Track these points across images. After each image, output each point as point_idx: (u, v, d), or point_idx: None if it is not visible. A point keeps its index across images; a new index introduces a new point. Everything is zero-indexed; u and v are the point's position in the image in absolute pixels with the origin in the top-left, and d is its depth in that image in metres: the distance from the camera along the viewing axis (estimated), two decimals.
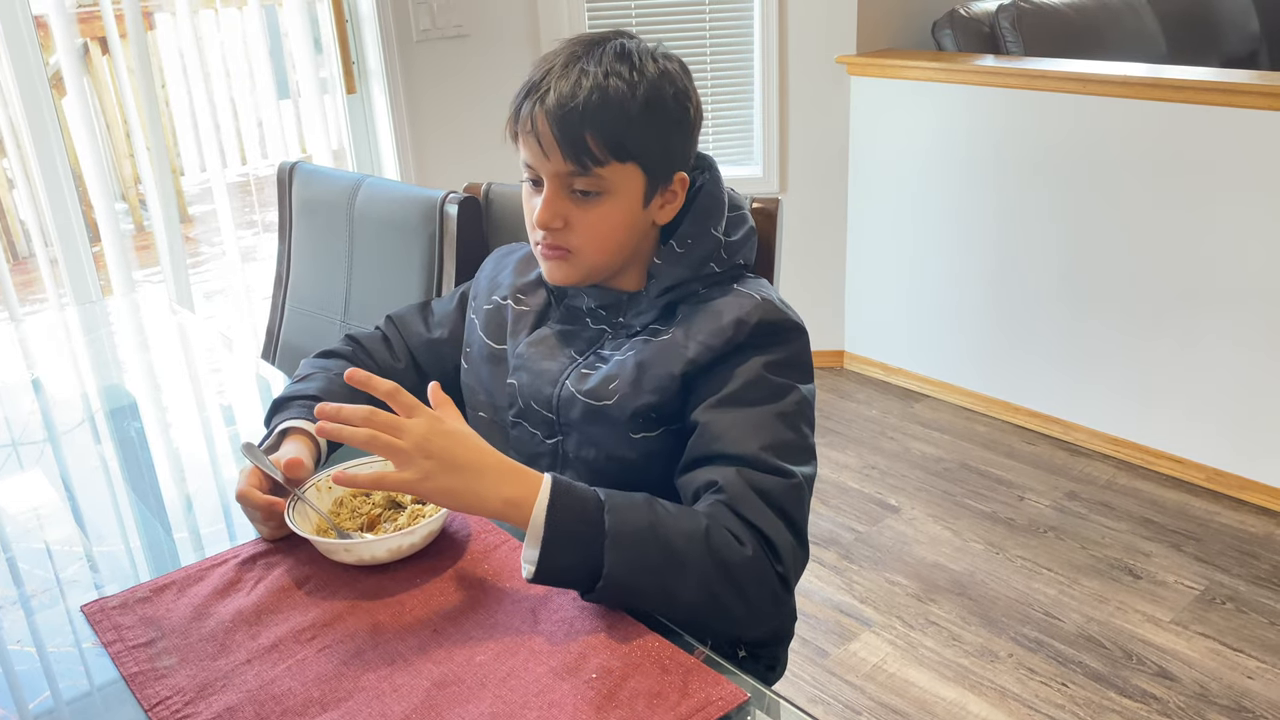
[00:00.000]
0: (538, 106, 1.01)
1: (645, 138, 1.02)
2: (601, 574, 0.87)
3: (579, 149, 1.00)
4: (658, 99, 1.02)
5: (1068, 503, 2.53)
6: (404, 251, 1.57)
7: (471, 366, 1.21)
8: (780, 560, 0.93)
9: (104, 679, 0.88)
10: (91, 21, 2.49)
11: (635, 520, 0.89)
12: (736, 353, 1.02)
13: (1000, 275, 2.84)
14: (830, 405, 3.08)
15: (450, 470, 0.88)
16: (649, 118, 1.02)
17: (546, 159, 1.02)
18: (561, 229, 1.05)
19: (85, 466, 1.28)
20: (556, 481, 0.90)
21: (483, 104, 2.79)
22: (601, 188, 1.03)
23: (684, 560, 0.89)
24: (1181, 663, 1.99)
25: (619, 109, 1.00)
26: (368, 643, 0.90)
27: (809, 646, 2.07)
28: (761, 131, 3.06)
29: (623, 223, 1.05)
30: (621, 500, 0.91)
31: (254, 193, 2.82)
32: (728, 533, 0.92)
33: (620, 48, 1.03)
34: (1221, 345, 2.45)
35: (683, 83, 1.05)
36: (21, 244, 2.90)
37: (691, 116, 1.07)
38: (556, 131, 1.00)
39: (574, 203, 1.04)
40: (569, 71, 1.01)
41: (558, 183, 1.03)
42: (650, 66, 1.02)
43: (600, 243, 1.05)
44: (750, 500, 0.95)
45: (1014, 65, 2.71)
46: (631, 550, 0.88)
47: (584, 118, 0.99)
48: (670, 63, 1.05)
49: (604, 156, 1.01)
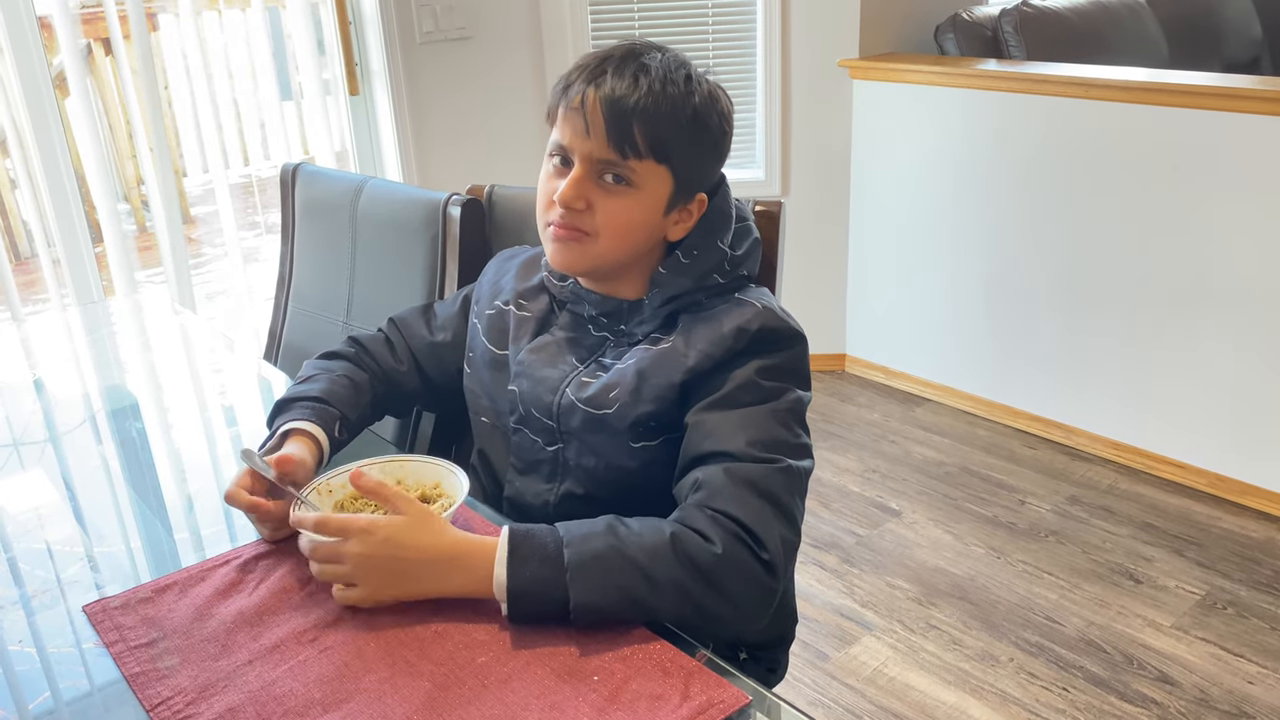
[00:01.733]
0: (592, 89, 1.02)
1: (686, 146, 1.04)
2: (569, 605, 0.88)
3: (624, 137, 1.01)
4: (705, 116, 1.05)
5: (1069, 507, 2.53)
6: (406, 253, 1.57)
7: (474, 371, 1.21)
8: (763, 547, 0.93)
9: (105, 679, 0.88)
10: (95, 22, 2.49)
11: (594, 547, 0.90)
12: (735, 359, 1.02)
13: (1002, 279, 2.84)
14: (831, 408, 3.08)
15: (399, 577, 0.92)
16: (694, 130, 1.04)
17: (588, 137, 1.03)
18: (583, 210, 1.05)
19: (87, 467, 1.28)
20: (513, 533, 0.91)
21: (486, 106, 2.79)
22: (632, 180, 1.04)
23: (651, 574, 0.89)
24: (1182, 668, 1.99)
25: (670, 112, 1.02)
26: (369, 644, 0.89)
27: (809, 650, 2.07)
28: (764, 134, 3.06)
29: (642, 221, 1.06)
30: (580, 531, 0.92)
31: (256, 194, 2.83)
32: (695, 535, 0.92)
33: (678, 59, 1.06)
34: (1223, 350, 2.44)
35: (727, 110, 1.08)
36: (24, 244, 2.90)
37: (726, 141, 1.09)
38: (606, 114, 1.01)
39: (600, 188, 1.05)
40: (627, 64, 1.03)
41: (589, 165, 1.04)
42: (704, 85, 1.06)
43: (616, 232, 1.05)
44: (729, 492, 0.95)
45: (1016, 69, 2.71)
46: (595, 577, 0.88)
47: (636, 110, 1.01)
48: (720, 90, 1.08)
49: (644, 151, 1.02)
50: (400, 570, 0.91)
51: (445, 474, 1.06)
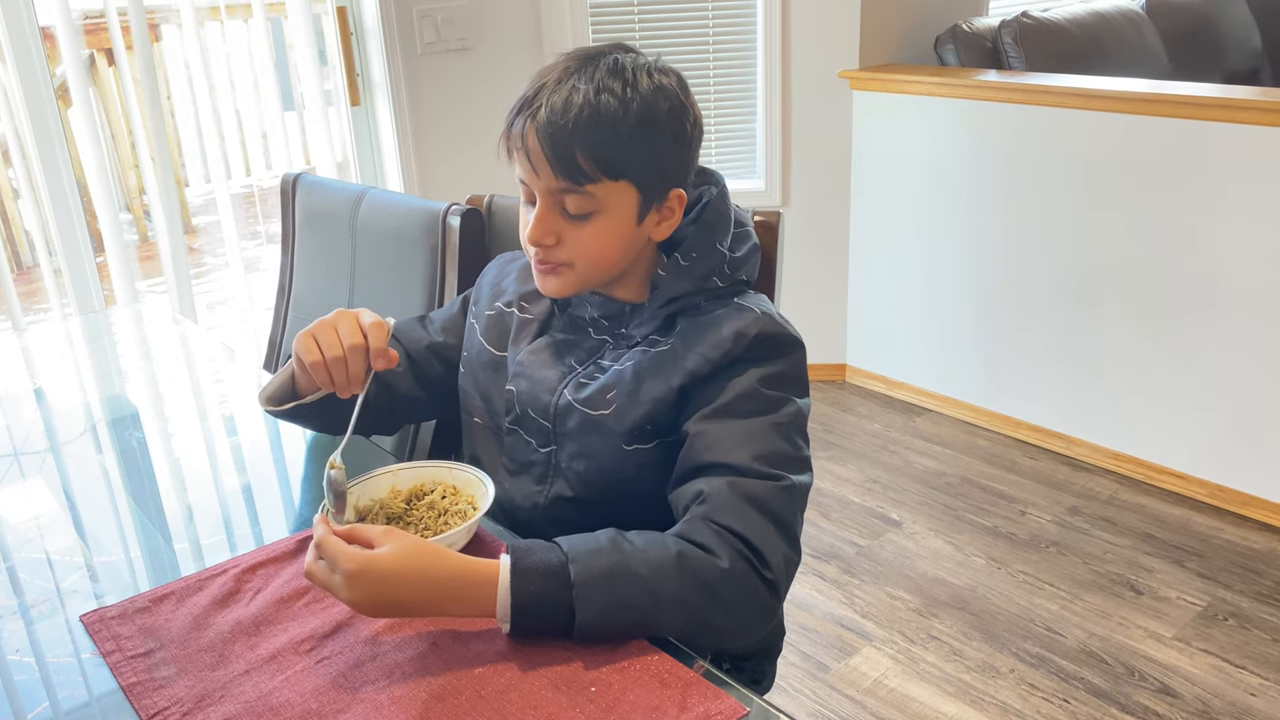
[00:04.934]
0: (529, 122, 1.00)
1: (638, 155, 1.01)
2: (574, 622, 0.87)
3: (570, 166, 0.99)
4: (651, 116, 1.00)
5: (1070, 518, 2.53)
6: (406, 263, 1.58)
7: (468, 371, 1.21)
8: (767, 566, 0.93)
9: (103, 689, 0.88)
10: (98, 33, 2.50)
11: (601, 564, 0.88)
12: (733, 365, 1.02)
13: (1002, 289, 2.84)
14: (832, 419, 3.08)
15: (395, 608, 0.89)
16: (642, 135, 1.00)
17: (538, 175, 1.01)
18: (554, 245, 1.04)
19: (86, 476, 1.28)
20: (514, 551, 0.89)
21: (486, 117, 2.80)
22: (593, 205, 1.02)
23: (658, 591, 0.89)
24: (1183, 679, 1.98)
25: (610, 126, 0.98)
26: (366, 655, 0.89)
27: (809, 661, 2.07)
28: (764, 145, 3.06)
29: (615, 240, 1.04)
30: (584, 547, 0.90)
31: (258, 204, 2.83)
32: (700, 550, 0.91)
33: (615, 63, 1.01)
34: (1224, 360, 2.44)
35: (679, 98, 1.03)
36: (26, 254, 2.91)
37: (689, 132, 1.05)
38: (547, 148, 0.99)
39: (566, 219, 1.03)
40: (561, 87, 1.00)
41: (550, 199, 1.03)
42: (645, 82, 1.01)
43: (592, 259, 1.05)
44: (734, 508, 0.94)
45: (1016, 80, 2.72)
46: (602, 594, 0.87)
47: (574, 135, 0.98)
48: (667, 77, 1.03)
49: (595, 174, 1.00)
50: (396, 603, 0.88)
51: (476, 484, 1.07)
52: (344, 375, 1.05)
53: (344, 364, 1.04)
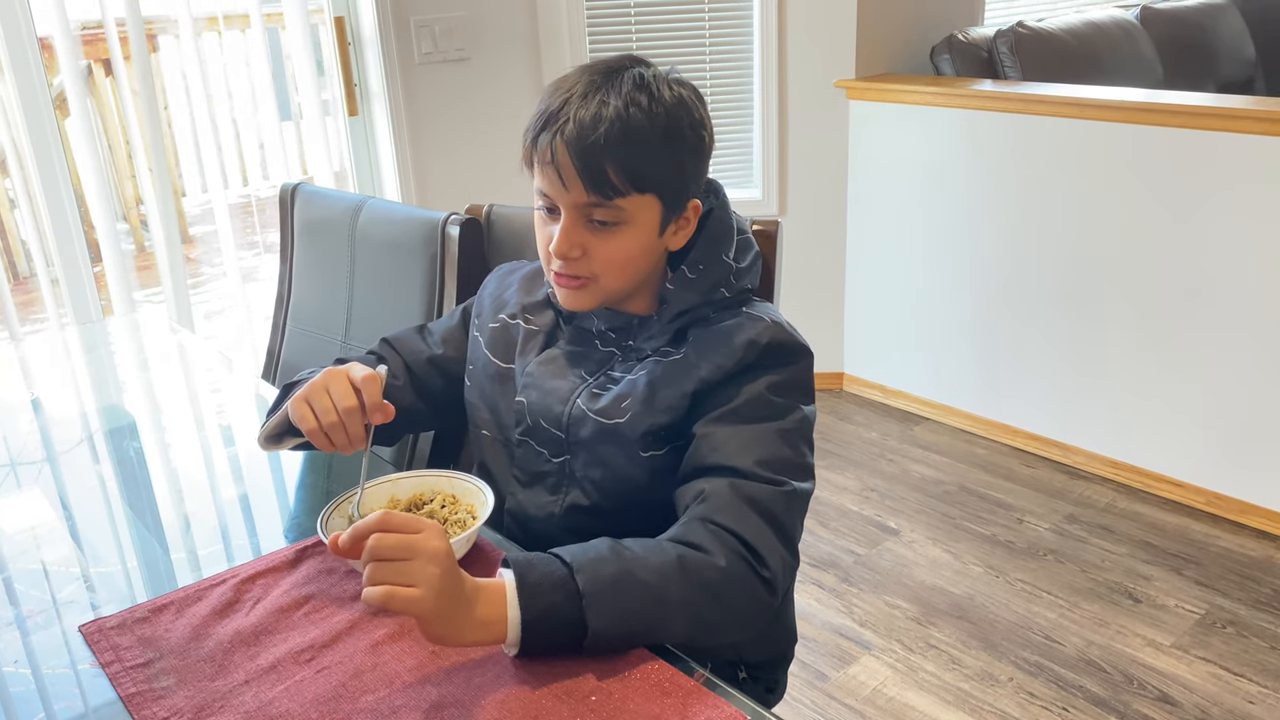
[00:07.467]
0: (557, 137, 1.00)
1: (664, 168, 1.02)
2: (586, 633, 0.86)
3: (600, 180, 1.00)
4: (676, 129, 1.02)
5: (1067, 526, 2.53)
6: (405, 273, 1.58)
7: (474, 384, 1.21)
8: (764, 564, 0.94)
9: (101, 700, 0.88)
10: (95, 43, 2.50)
11: (607, 572, 0.88)
12: (746, 372, 1.03)
13: (999, 298, 2.84)
14: (829, 427, 3.08)
15: (449, 597, 0.82)
16: (668, 148, 1.02)
17: (566, 189, 1.01)
18: (579, 258, 1.04)
19: (83, 486, 1.28)
20: (514, 566, 0.87)
21: (484, 126, 2.80)
22: (620, 218, 1.02)
23: (664, 596, 0.89)
24: (1182, 687, 1.98)
25: (640, 140, 0.99)
26: (366, 664, 0.89)
27: (808, 670, 2.06)
28: (761, 154, 3.07)
29: (640, 251, 1.05)
30: (586, 557, 0.89)
31: (255, 214, 2.83)
32: (697, 550, 0.92)
33: (639, 77, 1.02)
34: (1221, 368, 2.45)
35: (698, 111, 1.05)
36: (23, 263, 2.90)
37: (706, 144, 1.07)
38: (577, 163, 0.99)
39: (591, 232, 1.04)
40: (588, 101, 1.00)
41: (576, 213, 1.03)
42: (668, 95, 1.02)
43: (618, 271, 1.05)
44: (733, 508, 0.95)
45: (1012, 90, 2.73)
46: (611, 602, 0.87)
47: (605, 149, 0.99)
48: (685, 90, 1.05)
49: (624, 188, 1.00)
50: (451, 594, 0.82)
51: (475, 492, 1.08)
52: (343, 438, 1.04)
53: (341, 428, 1.04)
